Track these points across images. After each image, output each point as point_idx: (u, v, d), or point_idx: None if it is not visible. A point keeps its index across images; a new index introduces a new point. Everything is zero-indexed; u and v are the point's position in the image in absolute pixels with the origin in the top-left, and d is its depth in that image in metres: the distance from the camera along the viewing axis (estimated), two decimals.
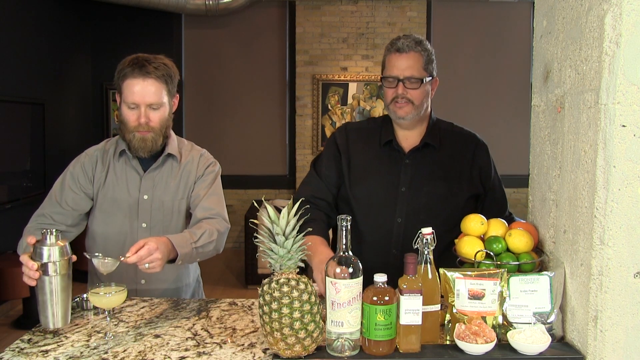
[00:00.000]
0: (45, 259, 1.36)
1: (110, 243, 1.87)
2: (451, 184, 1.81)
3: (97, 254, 1.51)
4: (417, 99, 1.77)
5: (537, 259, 1.42)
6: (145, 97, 1.77)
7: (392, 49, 1.79)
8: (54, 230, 1.39)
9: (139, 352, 1.31)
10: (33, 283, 1.40)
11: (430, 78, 1.80)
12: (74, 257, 1.45)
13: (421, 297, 1.25)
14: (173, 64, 1.86)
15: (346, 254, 1.26)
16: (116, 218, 1.86)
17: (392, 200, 1.80)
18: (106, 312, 1.44)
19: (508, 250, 1.44)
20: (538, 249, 1.48)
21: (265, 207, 1.27)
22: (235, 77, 6.61)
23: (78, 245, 1.90)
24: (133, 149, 1.83)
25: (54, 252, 1.37)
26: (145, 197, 1.87)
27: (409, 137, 1.86)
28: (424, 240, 1.32)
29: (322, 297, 1.33)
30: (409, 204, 1.79)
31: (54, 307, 1.38)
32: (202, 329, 1.46)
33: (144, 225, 1.87)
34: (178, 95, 1.89)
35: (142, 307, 1.63)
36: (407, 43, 1.77)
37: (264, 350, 1.31)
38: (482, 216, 1.50)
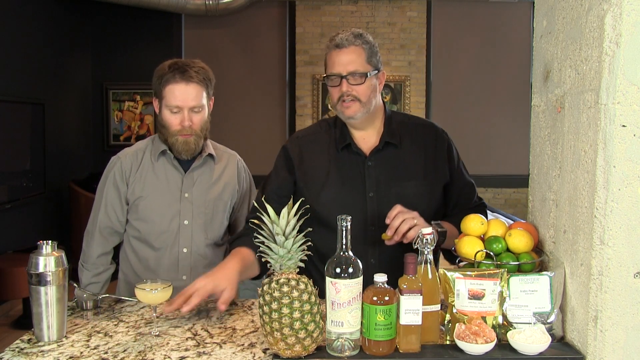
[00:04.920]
0: (41, 269, 1.35)
1: (152, 239, 1.91)
2: (419, 181, 1.74)
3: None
4: (363, 96, 1.68)
5: (537, 259, 1.42)
6: (187, 101, 1.83)
7: (332, 45, 1.70)
8: (50, 241, 1.38)
9: (139, 352, 1.31)
10: None
11: (376, 71, 1.71)
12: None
13: (421, 297, 1.25)
14: (209, 68, 1.93)
15: (346, 254, 1.26)
16: (157, 216, 1.91)
17: (361, 207, 1.72)
18: (152, 308, 1.45)
19: (508, 250, 1.44)
20: (538, 249, 1.48)
21: (265, 207, 1.27)
22: (235, 77, 6.60)
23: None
24: (176, 151, 1.90)
25: (49, 262, 1.35)
26: (187, 195, 1.92)
27: (366, 138, 1.78)
28: (424, 240, 1.31)
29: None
30: (379, 208, 1.71)
31: (49, 318, 1.36)
32: (202, 329, 1.46)
33: (185, 222, 1.92)
34: (213, 98, 1.97)
35: (142, 307, 1.63)
36: (346, 37, 1.68)
37: (264, 350, 1.31)
38: (482, 216, 1.50)
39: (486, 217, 1.58)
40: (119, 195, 1.93)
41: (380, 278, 1.25)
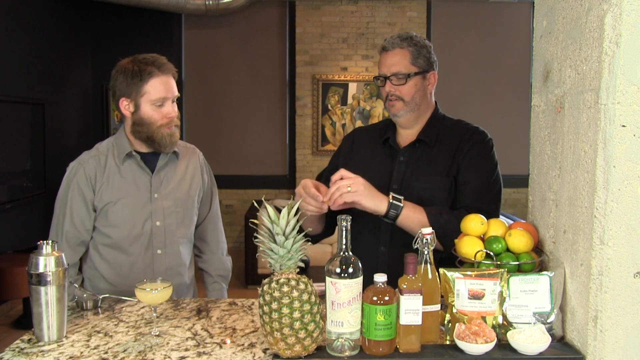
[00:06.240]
0: (41, 269, 1.35)
1: (125, 244, 1.88)
2: (442, 177, 1.77)
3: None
4: (406, 95, 1.78)
5: (537, 259, 1.42)
6: (172, 91, 1.86)
7: (381, 47, 1.83)
8: (50, 240, 1.38)
9: (139, 352, 1.31)
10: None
11: (422, 72, 1.79)
12: None
13: (421, 297, 1.25)
14: None
15: (346, 254, 1.26)
16: (129, 221, 1.87)
17: None
18: (152, 308, 1.43)
19: (508, 250, 1.44)
20: (538, 249, 1.48)
21: (265, 207, 1.27)
22: (235, 77, 6.61)
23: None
24: (162, 145, 1.86)
25: (50, 262, 1.35)
26: (156, 195, 1.90)
27: (408, 135, 1.86)
28: (424, 240, 1.31)
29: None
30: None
31: (49, 318, 1.36)
32: (202, 329, 1.46)
33: (157, 223, 1.89)
34: None
35: (142, 307, 1.63)
36: (392, 41, 1.80)
37: (264, 350, 1.31)
38: (482, 216, 1.50)
39: (449, 222, 1.60)
40: (85, 202, 1.86)
41: (380, 278, 1.25)
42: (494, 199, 1.81)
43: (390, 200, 1.62)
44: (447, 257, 1.59)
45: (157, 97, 1.82)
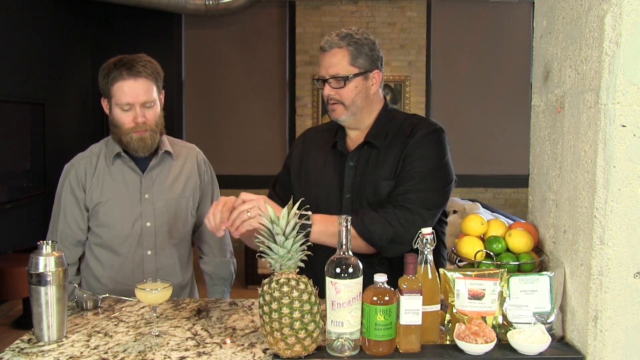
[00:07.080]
0: (41, 269, 1.34)
1: (115, 244, 1.87)
2: (389, 183, 1.66)
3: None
4: (346, 99, 1.66)
5: (537, 259, 1.42)
6: (138, 97, 1.78)
7: (320, 47, 1.71)
8: (50, 240, 1.38)
9: (139, 352, 1.31)
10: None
11: (363, 73, 1.66)
12: None
13: (421, 297, 1.25)
14: (156, 61, 1.88)
15: (346, 254, 1.26)
16: (119, 221, 1.86)
17: (337, 209, 1.70)
18: (152, 308, 1.43)
19: (508, 250, 1.44)
20: (538, 249, 1.48)
21: (265, 207, 1.27)
22: (235, 77, 6.61)
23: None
24: (132, 150, 1.84)
25: (50, 262, 1.35)
26: (147, 196, 1.88)
27: (356, 137, 1.75)
28: (424, 240, 1.31)
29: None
30: (354, 209, 1.68)
31: (49, 318, 1.36)
32: (202, 329, 1.46)
33: (148, 224, 1.88)
34: (164, 92, 1.91)
35: (142, 307, 1.63)
36: (330, 40, 1.67)
37: (264, 350, 1.31)
38: (482, 216, 1.50)
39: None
40: (77, 202, 1.87)
41: (380, 278, 1.25)
42: (430, 189, 1.62)
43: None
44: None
45: (122, 101, 1.78)
